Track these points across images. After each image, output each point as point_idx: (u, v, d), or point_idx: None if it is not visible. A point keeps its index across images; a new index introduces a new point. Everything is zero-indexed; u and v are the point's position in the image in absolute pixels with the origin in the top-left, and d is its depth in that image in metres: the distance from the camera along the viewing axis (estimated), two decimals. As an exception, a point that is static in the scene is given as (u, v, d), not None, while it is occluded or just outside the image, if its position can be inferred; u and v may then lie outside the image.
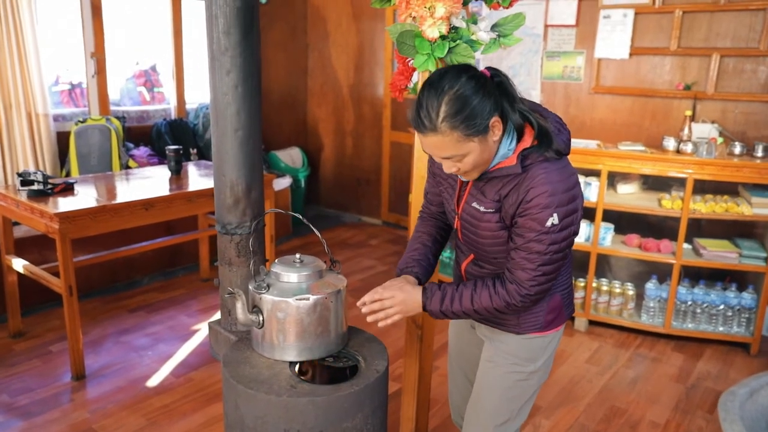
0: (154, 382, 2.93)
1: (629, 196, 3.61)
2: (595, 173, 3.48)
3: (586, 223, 3.57)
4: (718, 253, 3.36)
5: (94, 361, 3.08)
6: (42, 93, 3.92)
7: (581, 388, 2.99)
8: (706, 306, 3.45)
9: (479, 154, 1.40)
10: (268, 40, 5.41)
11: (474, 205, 1.53)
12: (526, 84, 4.44)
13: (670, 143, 3.45)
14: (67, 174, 4.09)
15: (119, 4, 4.62)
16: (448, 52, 1.84)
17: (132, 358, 3.14)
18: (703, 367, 3.25)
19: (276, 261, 1.72)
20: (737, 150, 3.35)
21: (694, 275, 3.57)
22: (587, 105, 4.23)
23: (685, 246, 3.45)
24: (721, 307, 3.43)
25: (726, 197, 3.40)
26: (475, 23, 1.83)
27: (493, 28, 1.85)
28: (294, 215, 1.72)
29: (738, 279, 3.52)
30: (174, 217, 3.30)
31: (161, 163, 4.34)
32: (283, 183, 4.95)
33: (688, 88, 3.80)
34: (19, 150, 3.90)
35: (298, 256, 1.73)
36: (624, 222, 3.67)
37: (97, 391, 2.83)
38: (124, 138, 4.26)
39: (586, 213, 3.05)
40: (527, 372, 1.67)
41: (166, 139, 4.58)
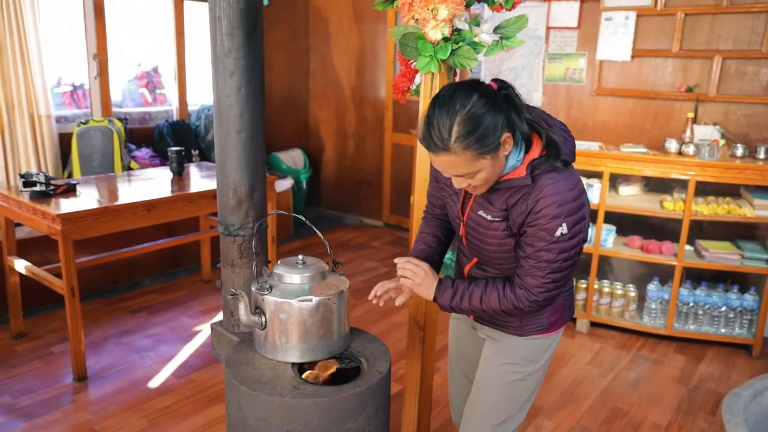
0: (155, 383, 2.93)
1: (631, 198, 3.61)
2: (597, 175, 3.48)
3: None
4: (720, 254, 3.36)
5: (96, 362, 3.08)
6: (44, 94, 3.93)
7: (583, 389, 2.99)
8: (708, 308, 3.45)
9: (491, 171, 1.40)
10: (270, 41, 5.42)
11: (480, 213, 1.53)
12: (528, 86, 4.44)
13: (672, 145, 3.45)
14: (69, 175, 4.10)
15: (121, 5, 4.63)
16: (451, 54, 1.84)
17: (133, 359, 3.14)
18: (705, 368, 3.24)
19: (278, 262, 1.72)
20: (739, 152, 3.35)
21: (696, 277, 3.57)
22: (589, 107, 4.23)
23: (687, 248, 3.45)
24: (723, 308, 3.42)
25: (728, 199, 3.40)
26: (477, 25, 1.83)
27: (495, 30, 1.85)
28: (296, 216, 1.72)
29: (740, 281, 3.52)
30: (176, 218, 3.31)
31: (163, 164, 4.34)
32: (284, 184, 4.95)
33: (690, 90, 3.80)
34: (22, 151, 3.91)
35: (300, 257, 1.73)
36: (626, 224, 3.67)
37: (99, 392, 2.83)
38: (126, 139, 4.27)
39: (588, 215, 3.04)
40: (527, 372, 1.68)
41: (168, 141, 4.58)
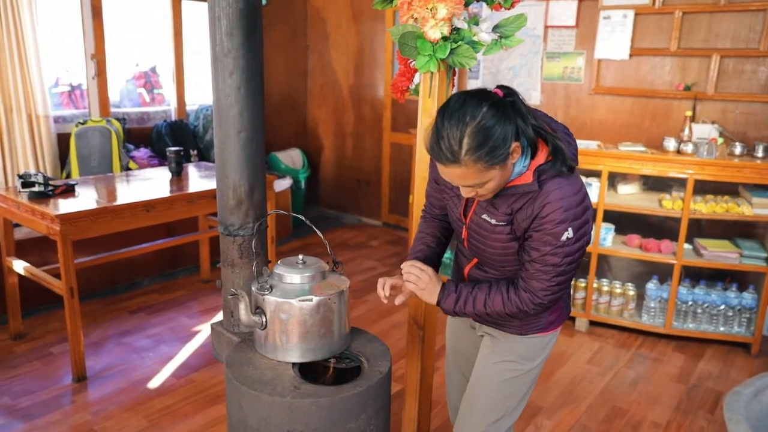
0: (155, 383, 2.92)
1: (630, 197, 3.61)
2: (596, 174, 3.49)
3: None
4: (718, 253, 3.36)
5: (95, 363, 3.08)
6: (42, 95, 3.92)
7: (582, 388, 2.99)
8: (707, 306, 3.46)
9: (500, 180, 1.40)
10: (268, 41, 5.41)
11: (484, 217, 1.53)
12: (526, 85, 4.44)
13: (671, 144, 3.45)
14: (68, 176, 4.09)
15: (119, 5, 4.62)
16: (450, 53, 1.84)
17: (133, 359, 3.14)
18: (704, 367, 3.25)
19: (279, 262, 1.72)
20: (738, 150, 3.35)
21: (695, 275, 3.58)
22: (587, 106, 4.23)
23: (686, 246, 3.46)
24: (722, 307, 3.43)
25: (726, 197, 3.40)
26: (476, 24, 1.83)
27: (494, 29, 1.85)
28: (296, 216, 1.72)
29: (738, 279, 3.53)
30: (175, 218, 3.30)
31: (161, 164, 4.34)
32: (283, 184, 4.95)
33: (688, 88, 3.80)
34: (20, 152, 3.90)
35: (300, 257, 1.73)
36: (624, 222, 3.67)
37: (99, 392, 2.83)
38: (124, 139, 4.26)
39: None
40: (524, 370, 1.69)
41: (166, 141, 4.58)
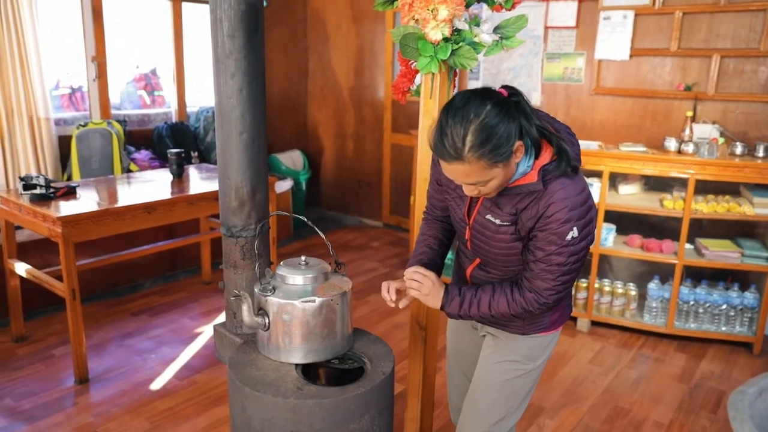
0: (157, 385, 2.92)
1: (631, 197, 3.62)
2: (597, 174, 3.49)
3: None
4: (720, 253, 3.36)
5: (97, 365, 3.08)
6: (43, 97, 3.92)
7: (585, 388, 2.99)
8: (709, 306, 3.46)
9: (503, 178, 1.40)
10: (268, 42, 5.42)
11: (488, 217, 1.52)
12: (526, 86, 4.44)
13: (672, 144, 3.45)
14: (69, 178, 4.09)
15: (120, 8, 4.63)
16: (451, 55, 1.84)
17: (135, 361, 3.14)
18: (706, 367, 3.25)
19: (281, 263, 1.72)
20: (738, 150, 3.35)
21: (697, 275, 3.58)
22: (588, 106, 4.24)
23: (687, 246, 3.46)
24: (724, 306, 3.43)
25: (728, 197, 3.40)
26: (477, 25, 1.83)
27: (495, 30, 1.86)
28: (297, 218, 1.72)
29: (740, 279, 3.53)
30: (176, 220, 3.31)
31: (162, 166, 4.34)
32: (284, 186, 4.96)
33: (688, 88, 3.80)
34: (21, 154, 3.90)
35: (303, 258, 1.73)
36: (626, 223, 3.67)
37: (101, 394, 2.83)
38: (125, 141, 4.27)
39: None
40: (526, 370, 1.69)
41: (167, 143, 4.58)
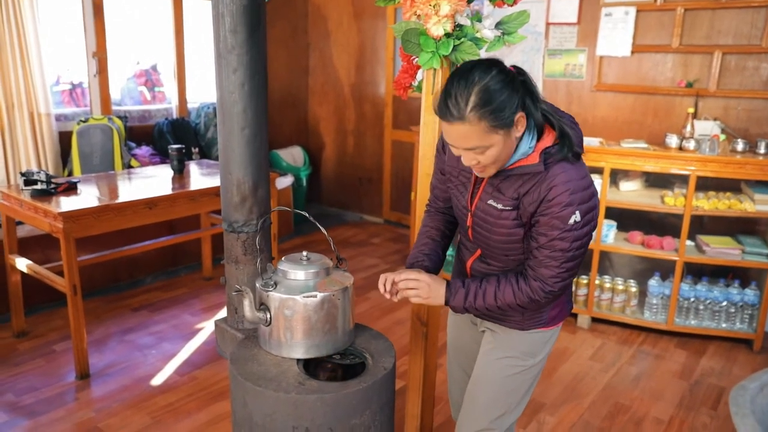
0: (158, 380, 2.93)
1: (632, 194, 3.62)
2: (598, 171, 3.49)
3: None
4: (720, 249, 3.36)
5: (99, 360, 3.08)
6: (44, 93, 3.92)
7: (585, 385, 3.00)
8: (709, 303, 3.46)
9: (501, 148, 1.39)
10: (269, 38, 5.41)
11: (490, 202, 1.52)
12: (527, 82, 4.43)
13: (673, 140, 3.45)
14: (70, 173, 4.09)
15: (120, 3, 4.62)
16: (453, 50, 1.84)
17: (136, 356, 3.15)
18: (707, 363, 3.25)
19: (283, 259, 1.72)
20: (740, 147, 3.35)
21: (697, 272, 3.58)
22: (589, 103, 4.23)
23: (688, 243, 3.46)
24: (724, 303, 3.43)
25: (729, 194, 3.40)
26: (479, 21, 1.83)
27: (497, 25, 1.85)
28: (297, 213, 1.72)
29: (741, 275, 3.53)
30: (177, 216, 3.31)
31: (163, 162, 4.34)
32: (284, 182, 4.95)
33: (690, 85, 3.80)
34: (22, 150, 3.90)
35: (304, 253, 1.73)
36: (626, 219, 3.67)
37: (102, 390, 2.84)
38: (126, 137, 4.27)
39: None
40: (526, 366, 1.68)
41: (168, 139, 4.58)
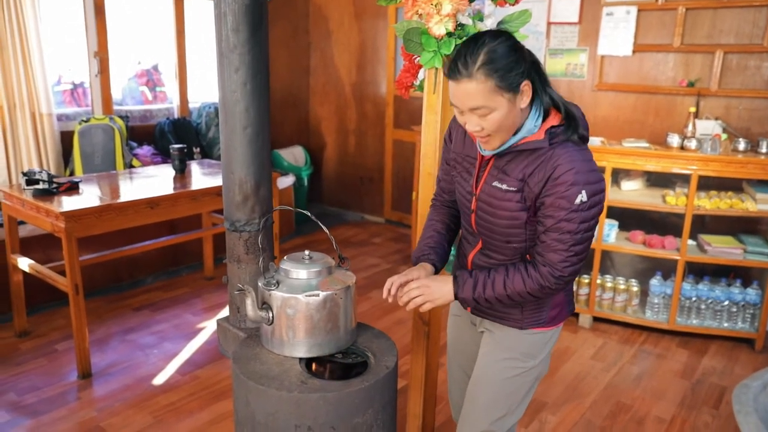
0: (160, 380, 2.93)
1: (633, 193, 3.61)
2: (599, 170, 3.48)
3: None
4: (722, 249, 3.36)
5: (100, 360, 3.09)
6: (45, 93, 3.93)
7: (587, 384, 3.00)
8: (711, 302, 3.46)
9: (506, 114, 1.40)
10: (271, 38, 5.40)
11: (495, 184, 1.52)
12: (528, 81, 4.43)
13: (674, 140, 3.45)
14: (71, 173, 4.10)
15: (122, 3, 4.62)
16: (455, 49, 1.84)
17: (138, 356, 3.15)
18: (708, 362, 3.25)
19: (285, 258, 1.73)
20: (741, 146, 3.35)
21: (699, 271, 3.58)
22: (590, 102, 4.23)
23: (690, 242, 3.46)
24: (726, 303, 3.43)
25: (730, 193, 3.40)
26: (481, 20, 1.83)
27: (499, 25, 1.85)
28: (299, 212, 1.72)
29: (742, 275, 3.53)
30: (179, 215, 3.31)
31: (165, 162, 4.34)
32: (286, 181, 4.95)
33: (691, 84, 3.80)
34: (23, 150, 3.91)
35: (307, 252, 1.73)
36: (628, 219, 3.67)
37: (104, 389, 2.84)
38: (127, 137, 4.27)
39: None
40: (526, 368, 1.66)
41: (169, 138, 4.58)
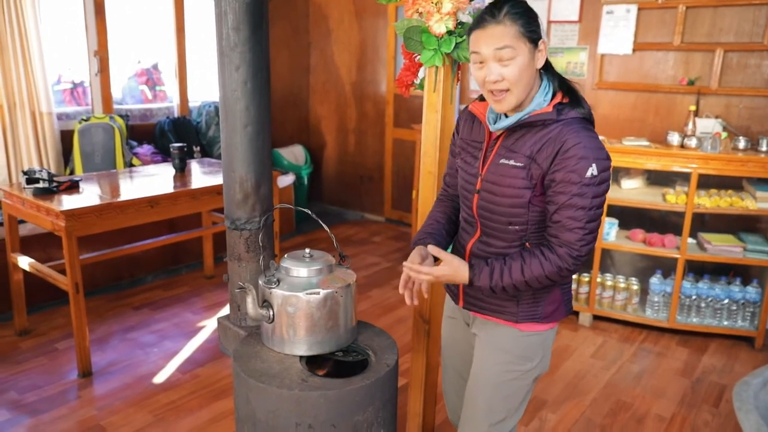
0: (160, 378, 2.93)
1: (633, 191, 3.62)
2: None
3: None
4: (722, 247, 3.36)
5: (101, 358, 3.09)
6: (45, 92, 3.93)
7: (587, 382, 3.00)
8: (711, 300, 3.46)
9: (526, 65, 1.46)
10: (271, 38, 5.37)
11: (502, 161, 1.53)
12: (528, 80, 4.43)
13: (674, 138, 3.45)
14: (71, 172, 4.10)
15: (122, 2, 4.62)
16: (455, 48, 1.84)
17: (138, 355, 3.15)
18: (708, 361, 3.26)
19: (286, 256, 1.73)
20: (741, 144, 3.35)
21: (699, 270, 3.58)
22: (590, 101, 4.20)
23: (690, 240, 3.46)
24: (726, 301, 3.43)
25: (730, 192, 3.40)
26: (481, 18, 1.83)
27: (500, 23, 1.85)
28: (300, 211, 1.72)
29: (742, 273, 3.53)
30: (179, 214, 3.31)
31: (165, 161, 4.34)
32: (286, 180, 4.96)
33: (691, 83, 3.80)
34: (24, 148, 3.91)
35: (307, 251, 1.73)
36: (628, 217, 3.67)
37: (104, 388, 2.84)
38: (127, 136, 4.27)
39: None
40: (523, 370, 1.64)
41: (169, 137, 4.58)
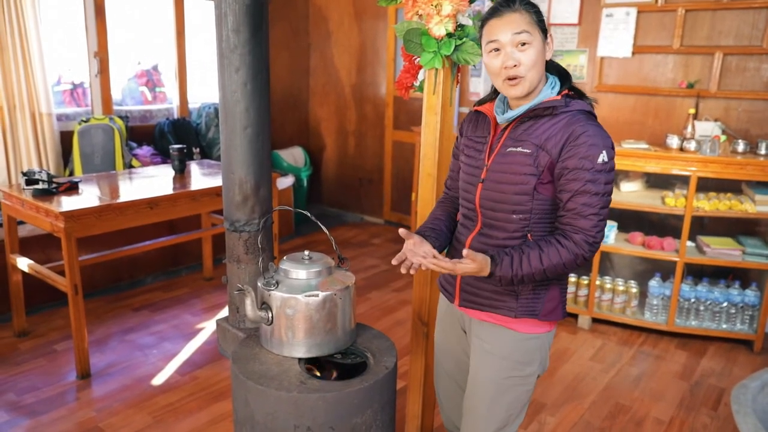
0: (159, 380, 2.93)
1: (632, 194, 3.62)
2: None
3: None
4: (721, 250, 3.36)
5: (99, 360, 3.08)
6: (45, 93, 3.93)
7: (586, 385, 3.00)
8: (710, 303, 3.46)
9: (539, 53, 1.49)
10: (271, 39, 5.40)
11: (510, 149, 1.54)
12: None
13: (674, 141, 3.46)
14: (71, 173, 4.10)
15: (122, 3, 4.62)
16: (455, 50, 1.85)
17: (137, 356, 3.15)
18: (707, 364, 3.26)
19: (285, 258, 1.73)
20: (740, 148, 3.36)
21: (698, 273, 3.58)
22: (590, 103, 4.23)
23: (689, 244, 3.46)
24: (725, 304, 3.43)
25: (729, 195, 3.40)
26: (481, 21, 1.84)
27: (499, 25, 1.86)
28: (299, 213, 1.72)
29: (741, 276, 3.53)
30: (178, 215, 3.31)
31: (164, 162, 4.34)
32: (285, 182, 4.96)
33: (691, 86, 3.80)
34: (23, 149, 3.91)
35: (306, 253, 1.73)
36: (627, 220, 3.68)
37: (103, 389, 2.84)
38: (127, 137, 4.27)
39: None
40: (522, 376, 1.63)
41: (168, 139, 4.58)
